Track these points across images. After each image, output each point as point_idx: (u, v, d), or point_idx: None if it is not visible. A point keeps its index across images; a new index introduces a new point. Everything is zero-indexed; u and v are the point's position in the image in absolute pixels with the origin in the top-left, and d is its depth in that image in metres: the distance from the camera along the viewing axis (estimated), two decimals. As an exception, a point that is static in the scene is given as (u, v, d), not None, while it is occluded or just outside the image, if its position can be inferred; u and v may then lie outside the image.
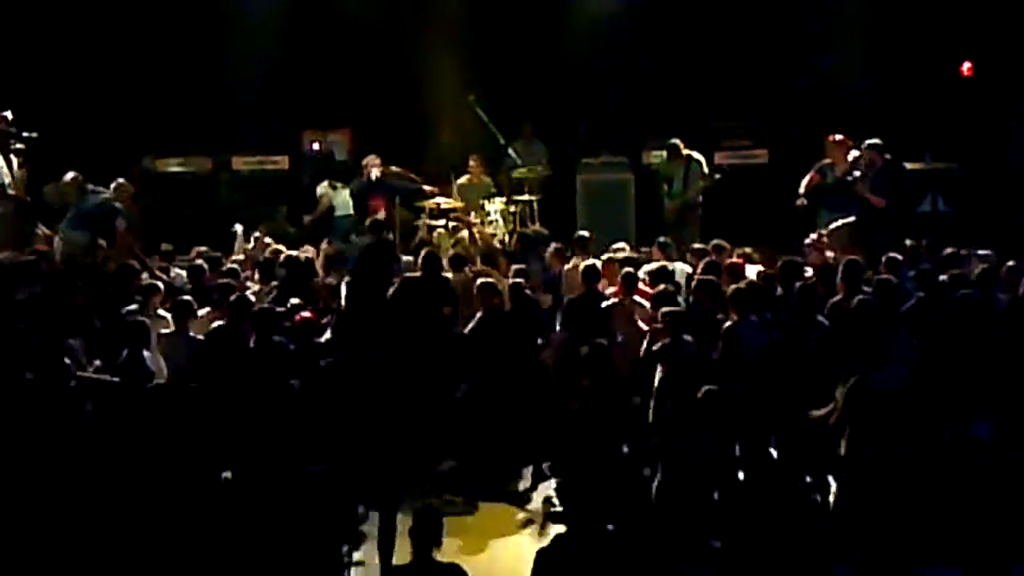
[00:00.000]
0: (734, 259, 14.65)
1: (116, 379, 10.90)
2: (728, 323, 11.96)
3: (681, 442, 10.24)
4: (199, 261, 14.93)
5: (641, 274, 14.00)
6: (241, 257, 16.36)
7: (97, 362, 11.53)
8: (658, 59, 21.29)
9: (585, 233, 16.14)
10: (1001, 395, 10.99)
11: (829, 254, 14.79)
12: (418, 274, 14.32)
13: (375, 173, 18.23)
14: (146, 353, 11.57)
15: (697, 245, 15.67)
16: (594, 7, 21.05)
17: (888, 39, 20.44)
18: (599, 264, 14.06)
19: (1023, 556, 9.50)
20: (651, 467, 10.71)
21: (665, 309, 12.24)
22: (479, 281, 13.53)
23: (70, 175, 15.84)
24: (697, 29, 21.15)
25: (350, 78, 21.05)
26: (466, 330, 13.30)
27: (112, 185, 16.16)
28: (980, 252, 14.89)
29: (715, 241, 15.33)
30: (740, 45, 21.00)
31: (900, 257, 14.10)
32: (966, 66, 20.79)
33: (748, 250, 15.46)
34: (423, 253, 14.61)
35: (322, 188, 18.92)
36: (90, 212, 15.54)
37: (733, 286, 12.62)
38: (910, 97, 20.42)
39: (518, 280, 13.77)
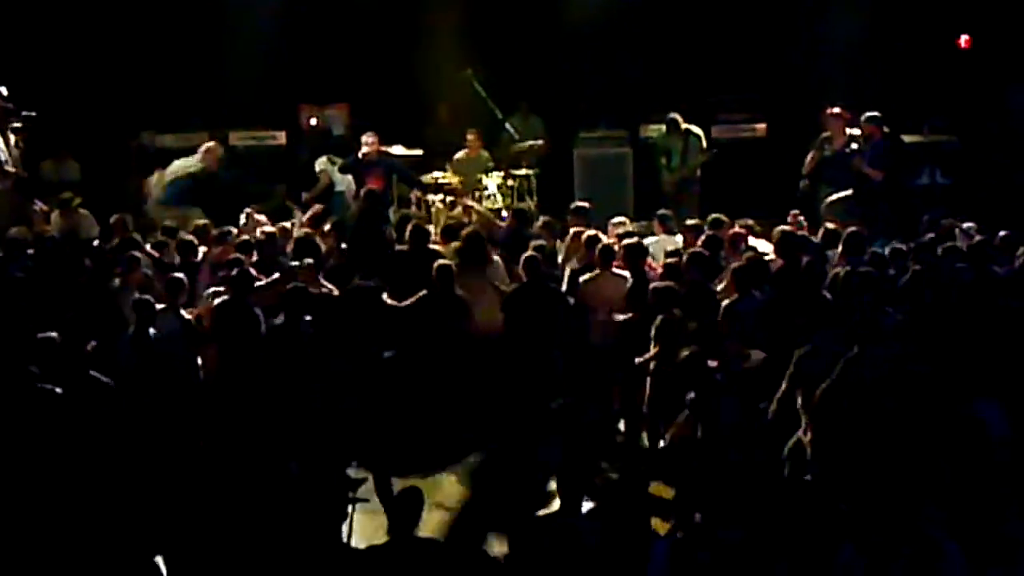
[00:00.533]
0: (736, 230, 14.63)
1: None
2: (728, 300, 12.00)
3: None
4: (189, 236, 14.78)
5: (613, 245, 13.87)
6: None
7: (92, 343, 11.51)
8: (655, 32, 21.23)
9: (584, 204, 16.08)
10: (1007, 374, 10.71)
11: (830, 225, 14.72)
12: (405, 247, 14.37)
13: (366, 151, 18.02)
14: (151, 331, 11.64)
15: (691, 221, 15.55)
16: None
17: (886, 12, 20.40)
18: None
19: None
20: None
21: (654, 285, 12.29)
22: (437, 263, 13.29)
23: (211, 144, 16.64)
24: (695, 2, 21.11)
25: (347, 52, 21.02)
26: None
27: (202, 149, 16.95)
28: (964, 225, 14.86)
29: (713, 216, 15.28)
30: (737, 18, 20.96)
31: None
32: (964, 38, 20.80)
33: (750, 222, 15.42)
34: (410, 227, 14.56)
35: (321, 163, 18.92)
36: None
37: (735, 264, 12.65)
38: (908, 70, 20.42)
39: (533, 255, 13.40)
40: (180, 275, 12.73)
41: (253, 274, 12.88)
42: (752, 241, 14.51)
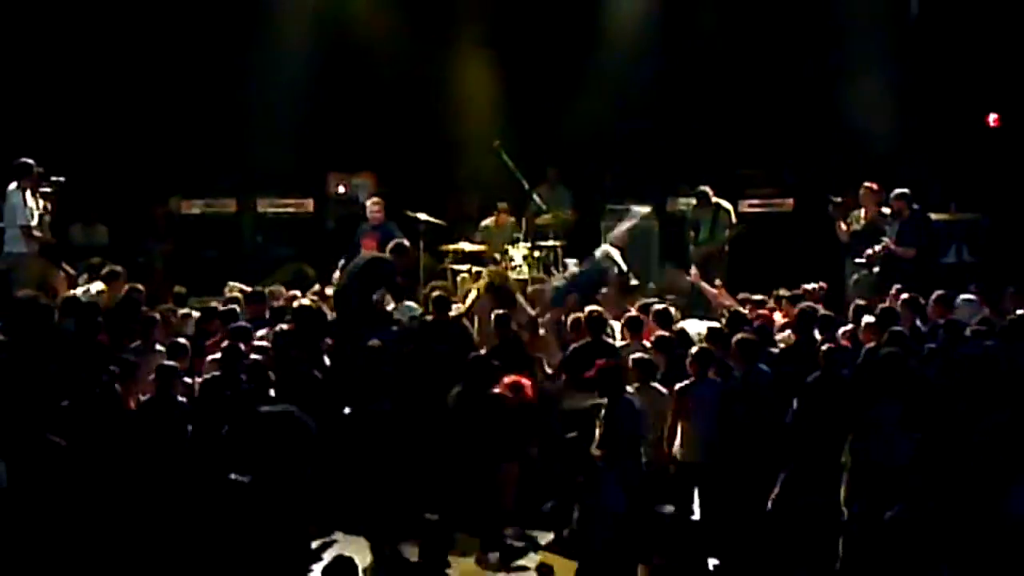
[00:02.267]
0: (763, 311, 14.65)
1: None
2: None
3: None
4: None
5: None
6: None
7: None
8: (685, 105, 21.27)
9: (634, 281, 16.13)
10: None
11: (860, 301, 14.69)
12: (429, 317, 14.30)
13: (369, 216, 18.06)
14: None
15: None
16: (620, 54, 21.07)
17: (915, 90, 20.42)
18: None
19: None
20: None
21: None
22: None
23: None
24: (725, 77, 21.15)
25: (375, 121, 21.07)
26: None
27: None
28: (965, 297, 14.79)
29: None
30: (767, 93, 20.98)
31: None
32: (992, 117, 20.79)
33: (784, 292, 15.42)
34: (433, 296, 14.52)
35: None
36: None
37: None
38: (936, 147, 20.39)
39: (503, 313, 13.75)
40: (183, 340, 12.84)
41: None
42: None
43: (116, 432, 11.15)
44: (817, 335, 13.20)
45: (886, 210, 17.02)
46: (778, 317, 14.83)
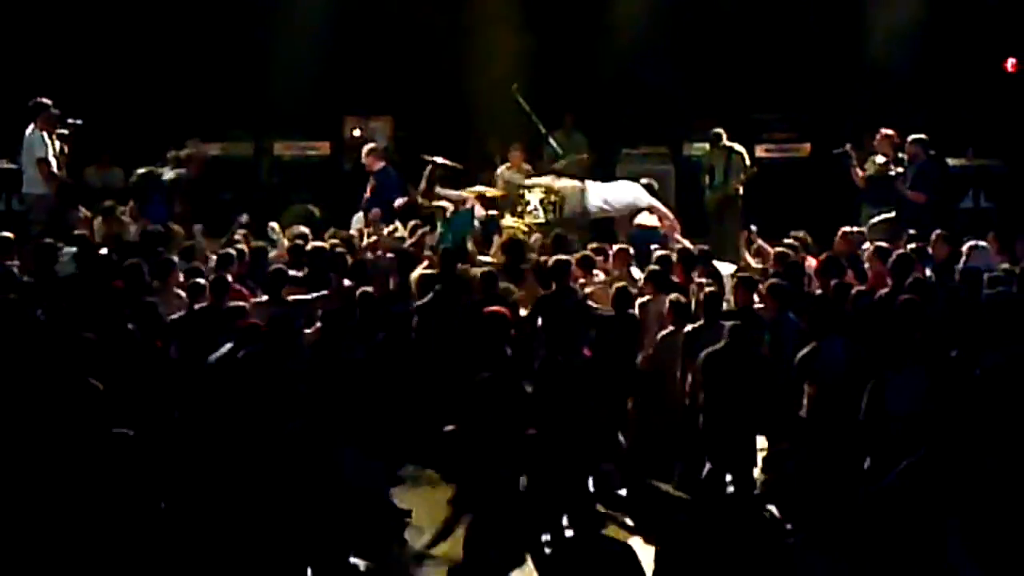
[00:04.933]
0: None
1: None
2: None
3: None
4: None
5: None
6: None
7: None
8: (701, 49, 21.21)
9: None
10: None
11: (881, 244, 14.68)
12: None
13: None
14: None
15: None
16: (637, -1, 21.04)
17: (933, 35, 20.33)
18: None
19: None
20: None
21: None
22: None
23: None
24: (741, 21, 21.07)
25: (393, 65, 21.05)
26: None
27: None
28: (977, 243, 14.78)
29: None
30: (784, 37, 20.92)
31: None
32: (1010, 62, 20.72)
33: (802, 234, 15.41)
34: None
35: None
36: None
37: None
38: (954, 93, 20.33)
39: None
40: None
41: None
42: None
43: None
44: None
45: (903, 155, 17.00)
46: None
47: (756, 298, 12.68)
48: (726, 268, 14.86)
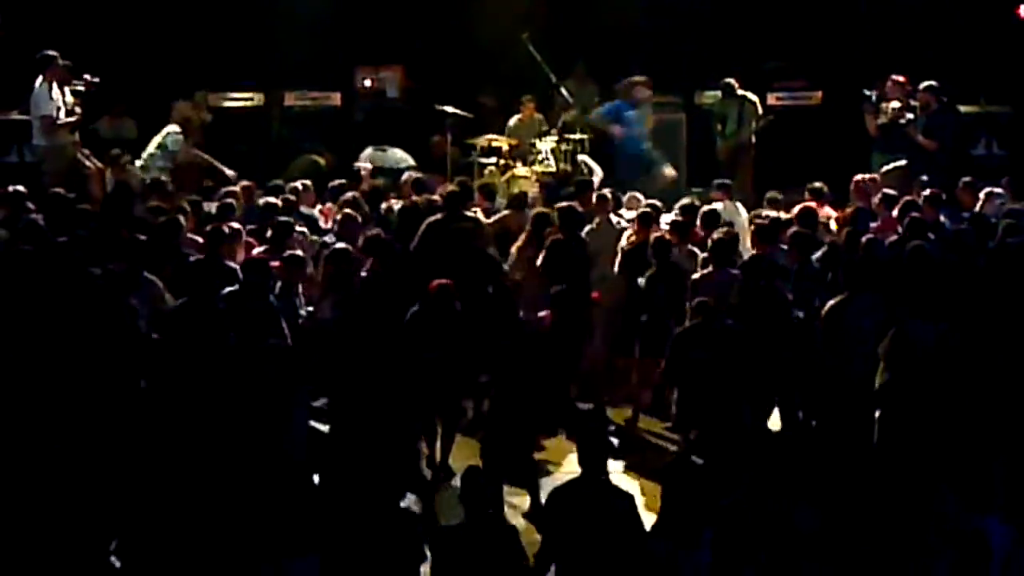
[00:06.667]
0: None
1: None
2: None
3: None
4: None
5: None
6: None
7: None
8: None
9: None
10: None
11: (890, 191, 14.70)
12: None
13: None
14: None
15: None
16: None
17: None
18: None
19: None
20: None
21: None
22: None
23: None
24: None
25: (403, 14, 20.99)
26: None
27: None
28: (993, 189, 14.80)
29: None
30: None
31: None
32: (1022, 9, 20.62)
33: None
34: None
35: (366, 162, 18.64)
36: None
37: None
38: (965, 40, 20.25)
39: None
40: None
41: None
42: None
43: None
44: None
45: (914, 103, 16.98)
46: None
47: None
48: (743, 213, 14.93)
